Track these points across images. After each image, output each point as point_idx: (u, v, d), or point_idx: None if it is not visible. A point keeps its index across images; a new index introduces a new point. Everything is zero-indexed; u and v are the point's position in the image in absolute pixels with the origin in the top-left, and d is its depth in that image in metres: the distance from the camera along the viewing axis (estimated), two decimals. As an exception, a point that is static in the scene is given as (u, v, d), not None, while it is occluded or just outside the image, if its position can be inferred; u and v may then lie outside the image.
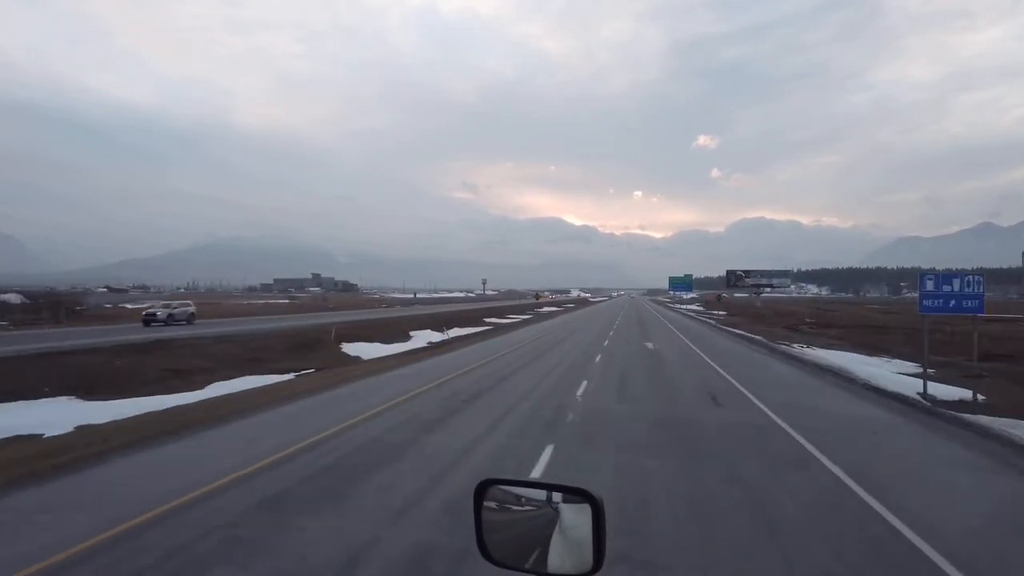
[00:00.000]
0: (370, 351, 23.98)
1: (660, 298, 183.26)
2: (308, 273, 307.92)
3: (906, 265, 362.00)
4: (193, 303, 42.07)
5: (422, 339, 30.03)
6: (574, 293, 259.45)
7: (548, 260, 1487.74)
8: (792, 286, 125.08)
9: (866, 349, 25.77)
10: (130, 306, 57.57)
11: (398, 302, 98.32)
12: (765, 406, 11.42)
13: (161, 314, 35.52)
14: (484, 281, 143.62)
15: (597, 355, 20.70)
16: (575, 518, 1.55)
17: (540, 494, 1.64)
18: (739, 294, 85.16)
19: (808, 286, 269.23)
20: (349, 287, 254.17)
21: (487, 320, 46.76)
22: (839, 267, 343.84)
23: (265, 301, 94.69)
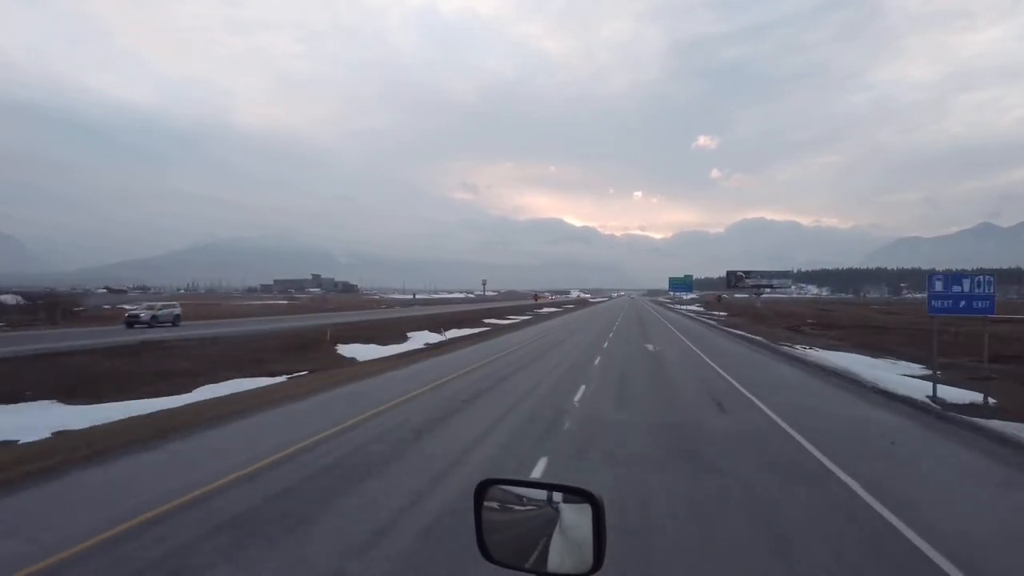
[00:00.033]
0: (366, 353, 23.61)
1: (660, 299, 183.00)
2: (308, 274, 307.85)
3: (906, 266, 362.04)
4: (179, 304, 41.28)
5: (419, 340, 29.70)
6: (574, 294, 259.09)
7: (548, 261, 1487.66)
8: (792, 287, 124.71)
9: (869, 350, 25.45)
10: (128, 307, 57.19)
11: (397, 303, 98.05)
12: (772, 412, 10.97)
13: (144, 316, 34.67)
14: (484, 282, 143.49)
15: (596, 357, 20.26)
16: (575, 518, 1.55)
17: (540, 494, 1.64)
18: (739, 295, 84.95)
19: (808, 287, 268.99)
20: (349, 288, 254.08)
21: (486, 321, 46.41)
22: (839, 268, 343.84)
23: (264, 302, 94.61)
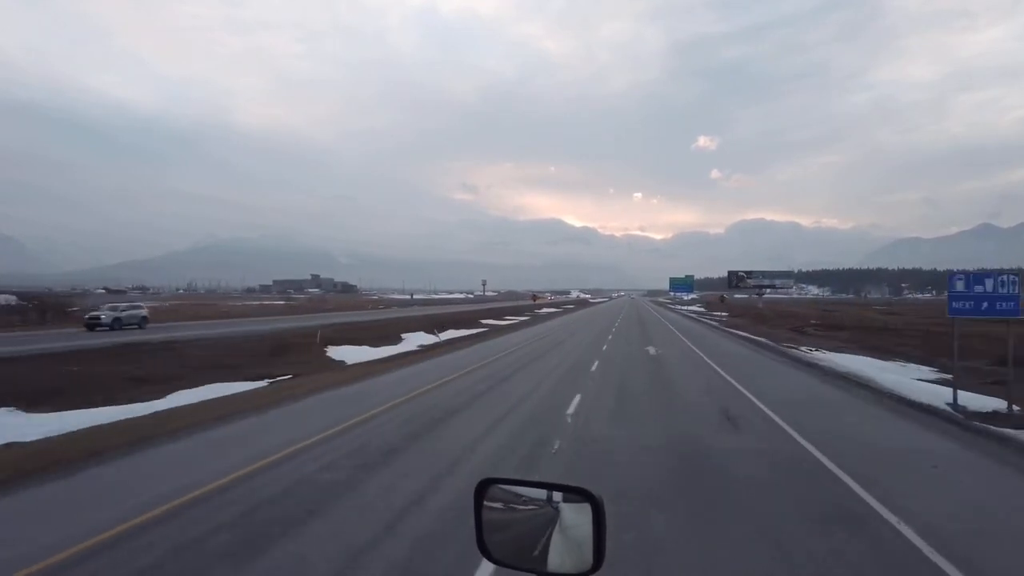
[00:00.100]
0: (356, 355, 22.84)
1: (660, 299, 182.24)
2: (308, 274, 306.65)
3: (906, 266, 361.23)
4: (145, 306, 39.26)
5: (413, 342, 28.96)
6: (574, 294, 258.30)
7: (548, 261, 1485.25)
8: (794, 287, 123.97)
9: (877, 352, 24.73)
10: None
11: (396, 303, 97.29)
12: (789, 427, 9.84)
13: (106, 318, 32.61)
14: (484, 282, 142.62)
15: (594, 362, 19.16)
16: (575, 517, 1.55)
17: (540, 493, 1.63)
18: (739, 295, 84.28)
19: (808, 287, 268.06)
20: (348, 288, 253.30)
21: (483, 322, 45.69)
22: (839, 268, 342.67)
23: (261, 302, 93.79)
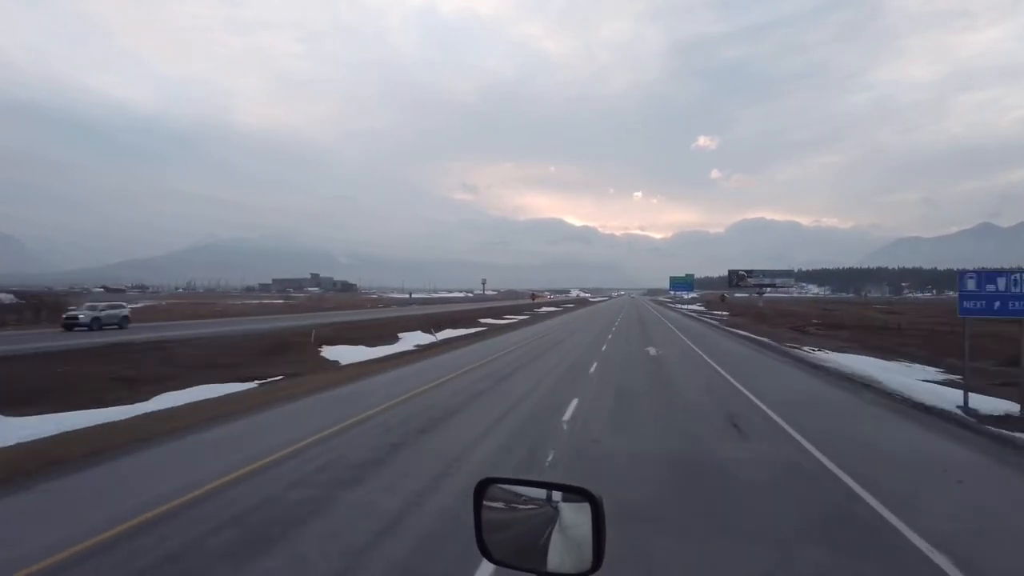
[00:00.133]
0: (351, 355, 22.47)
1: (660, 298, 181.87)
2: (308, 273, 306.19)
3: (906, 265, 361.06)
4: (127, 305, 38.02)
5: (410, 341, 28.62)
6: (574, 293, 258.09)
7: (548, 260, 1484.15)
8: (794, 287, 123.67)
9: (881, 352, 24.35)
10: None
11: (395, 302, 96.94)
12: (799, 434, 9.30)
13: (84, 317, 31.05)
14: (484, 281, 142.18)
15: (593, 363, 18.63)
16: (575, 517, 1.54)
17: (540, 493, 1.63)
18: (740, 294, 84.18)
19: (809, 286, 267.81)
20: (348, 287, 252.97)
21: (482, 321, 45.32)
22: (839, 267, 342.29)
23: (260, 301, 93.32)
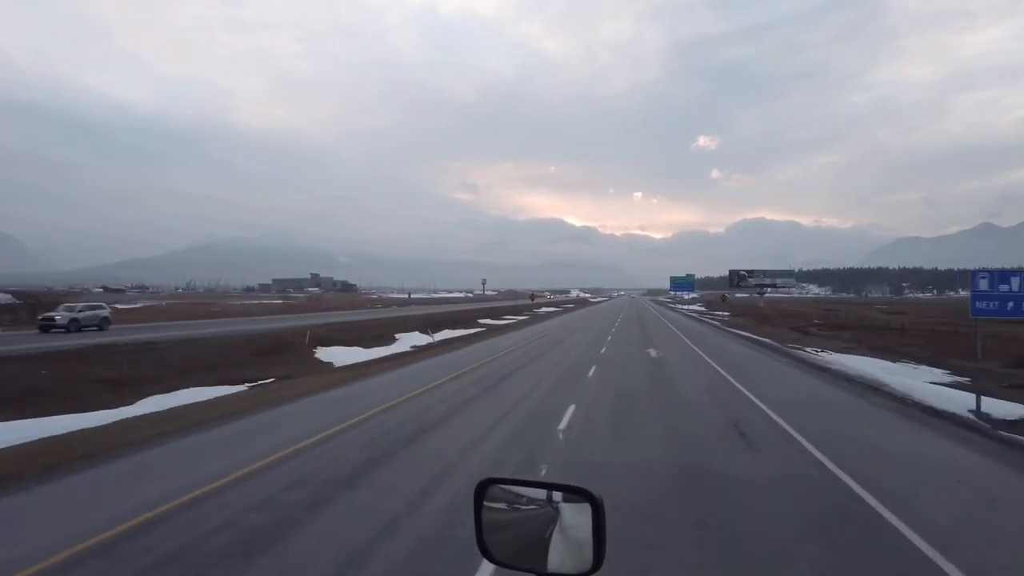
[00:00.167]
0: (345, 356, 22.08)
1: (660, 298, 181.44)
2: (308, 273, 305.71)
3: (907, 265, 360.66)
4: (107, 306, 36.72)
5: (407, 342, 28.22)
6: (573, 293, 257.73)
7: (548, 260, 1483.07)
8: (794, 286, 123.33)
9: (884, 353, 23.95)
10: (121, 306, 55.54)
11: (394, 302, 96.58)
12: (811, 444, 8.73)
13: (61, 319, 29.71)
14: (484, 281, 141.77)
15: (591, 366, 18.06)
16: (575, 517, 1.53)
17: (540, 493, 1.62)
18: (740, 294, 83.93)
19: (809, 286, 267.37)
20: (348, 287, 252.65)
21: (480, 321, 44.92)
22: (840, 267, 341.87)
23: (259, 301, 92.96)
